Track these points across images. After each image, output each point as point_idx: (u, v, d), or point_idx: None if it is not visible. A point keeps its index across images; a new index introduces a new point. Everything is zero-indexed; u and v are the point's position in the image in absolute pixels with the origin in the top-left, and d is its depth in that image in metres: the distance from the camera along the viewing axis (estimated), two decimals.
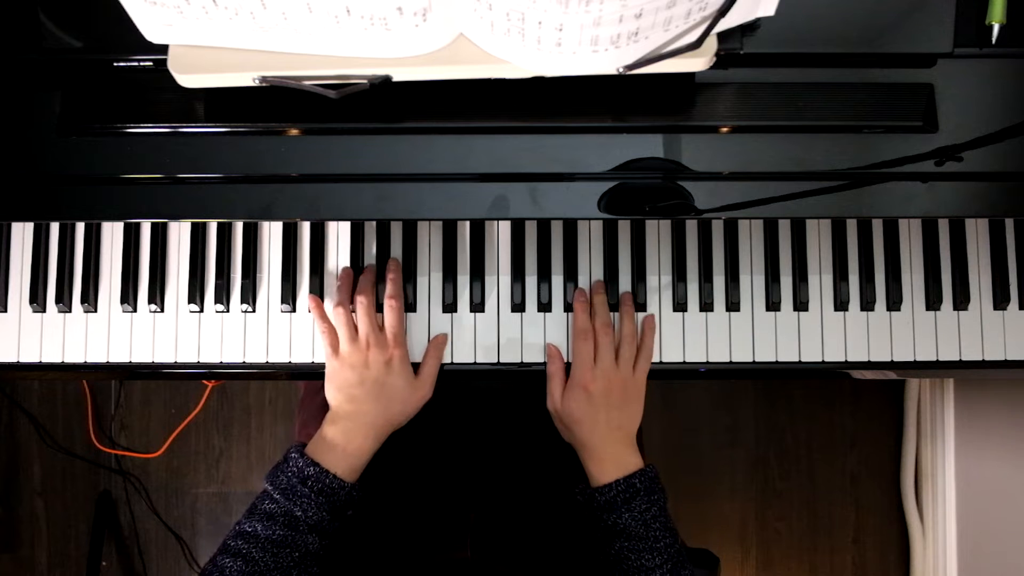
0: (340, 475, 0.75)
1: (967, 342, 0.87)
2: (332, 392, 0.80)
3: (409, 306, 0.86)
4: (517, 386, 1.09)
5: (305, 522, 0.72)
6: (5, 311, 0.88)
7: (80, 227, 0.89)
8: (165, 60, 0.70)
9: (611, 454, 0.79)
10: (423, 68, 0.69)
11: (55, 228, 0.89)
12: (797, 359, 0.87)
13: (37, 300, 0.87)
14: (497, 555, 0.84)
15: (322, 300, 0.87)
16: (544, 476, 0.94)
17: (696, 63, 0.69)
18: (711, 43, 0.68)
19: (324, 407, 1.03)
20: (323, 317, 0.83)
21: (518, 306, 0.86)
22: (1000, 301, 0.87)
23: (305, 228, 0.88)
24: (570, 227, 0.88)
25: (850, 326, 0.87)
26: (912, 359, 0.87)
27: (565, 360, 0.85)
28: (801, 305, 0.87)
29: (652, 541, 0.75)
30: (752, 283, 0.87)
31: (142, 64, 0.75)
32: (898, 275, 0.87)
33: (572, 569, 0.82)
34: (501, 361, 0.86)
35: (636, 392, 0.82)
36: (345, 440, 0.77)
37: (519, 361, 0.86)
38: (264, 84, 0.69)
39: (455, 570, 0.80)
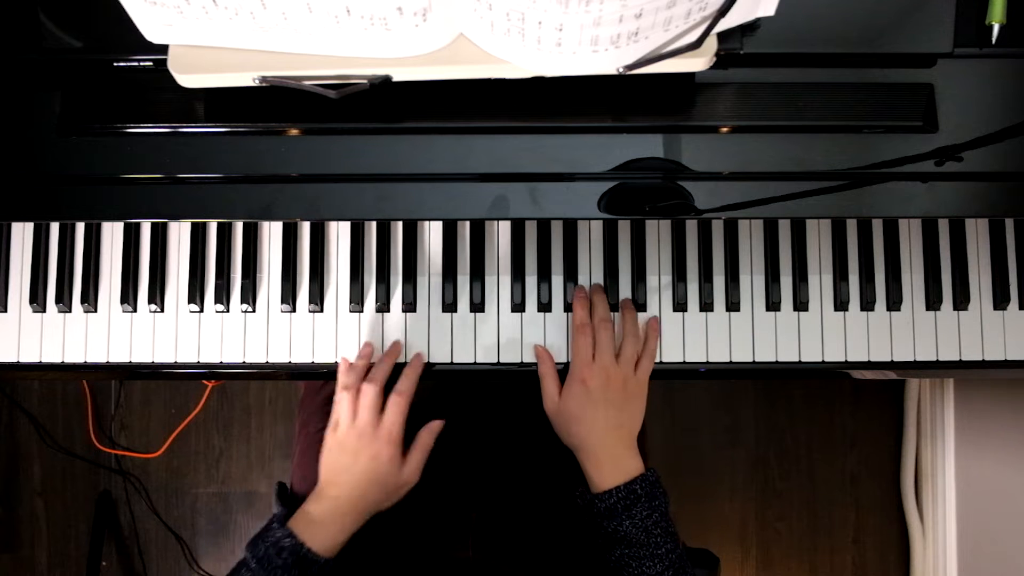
0: (316, 550, 0.75)
1: (967, 342, 0.87)
2: (324, 467, 0.80)
3: (409, 306, 0.86)
4: (518, 386, 1.09)
5: None
6: (5, 311, 0.88)
7: (80, 227, 0.89)
8: (165, 60, 0.70)
9: (610, 456, 0.78)
10: (423, 68, 0.69)
11: (55, 228, 0.89)
12: (797, 359, 0.87)
13: (37, 300, 0.87)
14: (499, 555, 0.84)
15: (322, 302, 0.87)
16: (546, 476, 0.94)
17: (696, 63, 0.69)
18: (711, 43, 0.68)
19: (324, 407, 1.04)
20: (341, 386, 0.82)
21: (518, 306, 0.86)
22: (1000, 301, 0.87)
23: (305, 228, 0.88)
24: (570, 227, 0.88)
25: (850, 326, 0.87)
26: (912, 359, 0.87)
27: (555, 361, 0.84)
28: (801, 305, 0.87)
29: (653, 548, 0.74)
30: (752, 283, 0.87)
31: (142, 64, 0.75)
32: (898, 275, 0.87)
33: (574, 569, 0.81)
34: (501, 361, 0.86)
35: (637, 391, 0.81)
36: (327, 518, 0.77)
37: (519, 361, 0.86)
38: (264, 84, 0.69)
39: (457, 570, 0.80)
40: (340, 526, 0.77)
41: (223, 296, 0.87)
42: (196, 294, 0.87)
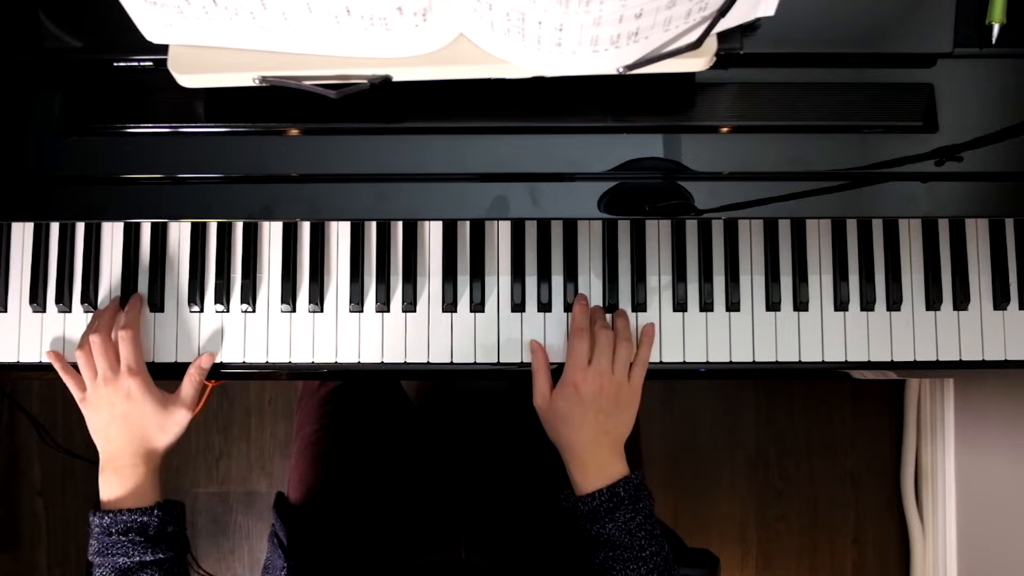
0: (135, 506, 0.76)
1: (967, 342, 0.87)
2: (95, 438, 0.80)
3: (409, 306, 0.86)
4: (513, 387, 1.09)
5: (131, 564, 0.74)
6: (5, 311, 0.88)
7: (80, 227, 0.89)
8: (165, 60, 0.70)
9: (595, 460, 0.77)
10: (423, 68, 0.69)
11: (55, 228, 0.89)
12: (797, 359, 0.87)
13: (37, 300, 0.87)
14: (491, 556, 0.84)
15: (322, 302, 0.87)
16: (539, 477, 0.94)
17: (696, 63, 0.69)
18: (711, 43, 0.68)
19: (320, 408, 1.04)
20: (64, 368, 0.83)
21: (518, 306, 0.86)
22: (1000, 301, 0.87)
23: (305, 228, 0.88)
24: (570, 227, 0.88)
25: (850, 326, 0.87)
26: (912, 359, 0.87)
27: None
28: (801, 305, 0.87)
29: (637, 551, 0.73)
30: (752, 283, 0.87)
31: (142, 64, 0.75)
32: (898, 275, 0.87)
33: (567, 571, 0.81)
34: (501, 361, 0.86)
35: (629, 400, 0.80)
36: (120, 479, 0.78)
37: (519, 361, 0.86)
38: (264, 84, 0.69)
39: (449, 571, 0.80)
40: (135, 479, 0.78)
41: (223, 296, 0.87)
42: (196, 294, 0.87)
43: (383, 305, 0.86)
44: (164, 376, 0.88)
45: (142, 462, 0.79)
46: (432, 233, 0.88)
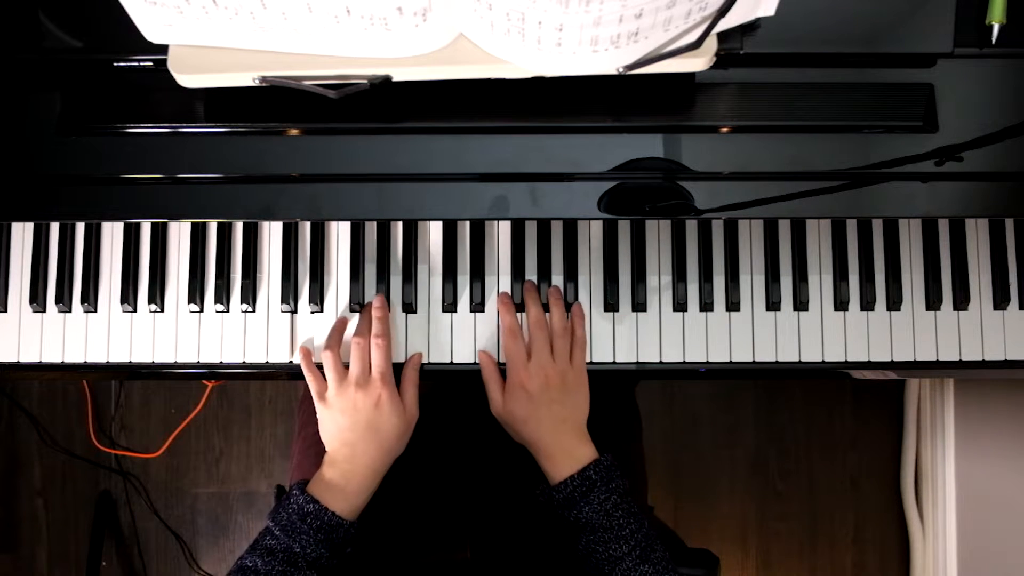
0: (339, 513, 0.75)
1: (967, 342, 0.87)
2: (326, 438, 0.80)
3: (408, 306, 0.86)
4: None
5: (304, 558, 0.73)
6: (5, 311, 0.88)
7: (80, 227, 0.89)
8: (165, 60, 0.70)
9: (561, 448, 0.78)
10: (423, 68, 0.69)
11: (55, 228, 0.89)
12: (797, 359, 0.87)
13: (37, 300, 0.87)
14: (497, 556, 0.84)
15: (322, 302, 0.87)
16: (543, 477, 0.94)
17: (696, 63, 0.69)
18: (711, 43, 0.68)
19: None
20: (309, 367, 0.83)
21: (519, 306, 0.86)
22: (1000, 301, 0.87)
23: (305, 228, 0.88)
24: (570, 227, 0.88)
25: (850, 326, 0.87)
26: (912, 359, 0.87)
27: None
28: (801, 305, 0.87)
29: (617, 530, 0.74)
30: (752, 283, 0.87)
31: (142, 64, 0.75)
32: (898, 275, 0.87)
33: (572, 570, 0.81)
34: (501, 361, 0.86)
35: (577, 382, 0.81)
36: (344, 481, 0.77)
37: None
38: (264, 84, 0.69)
39: (455, 570, 0.80)
40: (358, 486, 0.77)
41: (223, 296, 0.87)
42: (196, 294, 0.87)
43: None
44: (164, 377, 0.88)
45: (371, 474, 0.78)
46: (432, 233, 0.88)
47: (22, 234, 0.89)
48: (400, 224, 0.88)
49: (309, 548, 0.73)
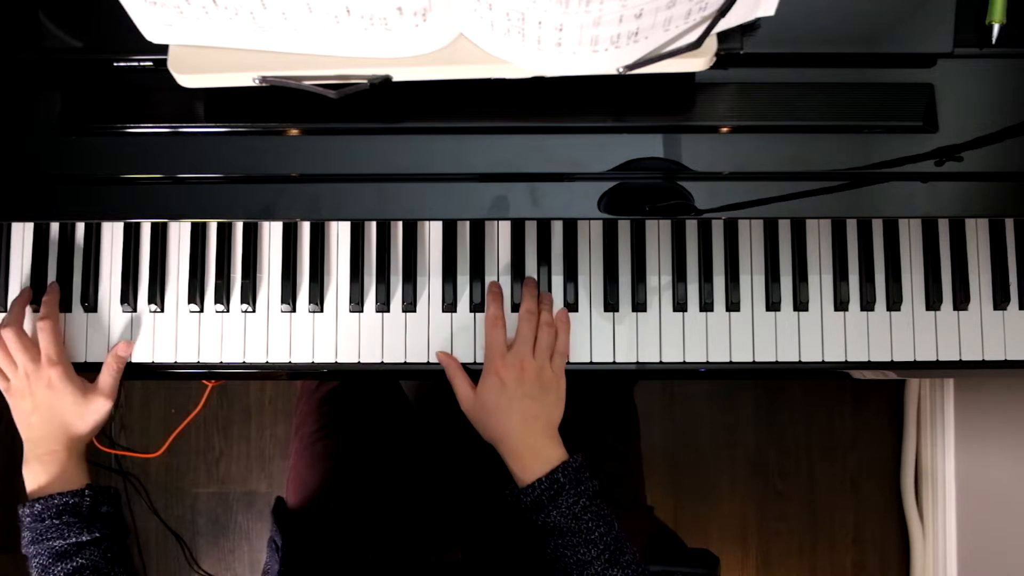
0: (63, 490, 0.76)
1: (967, 342, 0.87)
2: (19, 428, 0.81)
3: (409, 306, 0.86)
4: None
5: (67, 547, 0.74)
6: (5, 311, 0.88)
7: (80, 227, 0.89)
8: (165, 60, 0.70)
9: (529, 447, 0.77)
10: (423, 68, 0.69)
11: (55, 228, 0.89)
12: (797, 359, 0.87)
13: (37, 300, 0.87)
14: (488, 557, 0.84)
15: (322, 302, 0.87)
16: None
17: (696, 63, 0.69)
18: (711, 43, 0.68)
19: (319, 408, 1.04)
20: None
21: (518, 306, 0.86)
22: (1000, 301, 0.87)
23: (305, 228, 0.88)
24: (570, 227, 0.87)
25: (850, 326, 0.87)
26: (912, 359, 0.87)
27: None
28: (801, 305, 0.87)
29: (586, 534, 0.72)
30: (752, 283, 0.87)
31: (142, 64, 0.75)
32: (898, 275, 0.87)
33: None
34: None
35: (553, 382, 0.80)
36: (46, 468, 0.78)
37: None
38: (264, 84, 0.69)
39: (446, 572, 0.80)
40: (60, 468, 0.78)
41: (223, 296, 0.87)
42: (196, 294, 0.87)
43: (383, 305, 0.86)
44: (164, 377, 0.88)
45: (64, 448, 0.79)
46: (432, 233, 0.88)
47: (22, 234, 0.89)
48: (400, 224, 0.88)
49: (66, 533, 0.74)
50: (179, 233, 0.88)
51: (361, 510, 0.91)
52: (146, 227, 0.88)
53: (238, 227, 0.88)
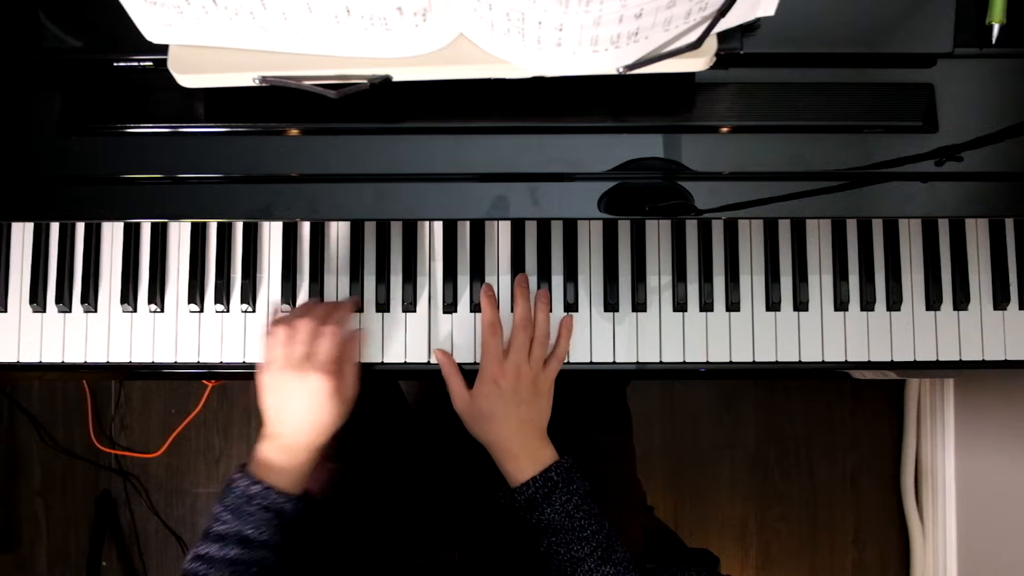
0: (285, 489, 0.75)
1: (967, 342, 0.87)
2: (263, 406, 0.78)
3: (409, 306, 0.86)
4: None
5: (256, 539, 0.73)
6: (5, 311, 0.88)
7: (80, 227, 0.89)
8: (165, 60, 0.70)
9: (524, 449, 0.78)
10: (423, 68, 0.69)
11: (55, 228, 0.89)
12: (797, 359, 0.87)
13: (37, 300, 0.87)
14: (485, 557, 0.84)
15: (322, 298, 0.87)
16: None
17: (696, 63, 0.69)
18: (711, 43, 0.68)
19: None
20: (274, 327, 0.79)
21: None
22: (1000, 301, 0.87)
23: (305, 228, 0.88)
24: (570, 227, 0.88)
25: (850, 326, 0.87)
26: (912, 359, 0.87)
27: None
28: (801, 305, 0.87)
29: (578, 531, 0.74)
30: (752, 283, 0.87)
31: (142, 64, 0.75)
32: (898, 275, 0.87)
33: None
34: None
35: (545, 387, 0.81)
36: (288, 458, 0.76)
37: None
38: (264, 84, 0.69)
39: (443, 572, 0.80)
40: (299, 461, 0.76)
41: (223, 296, 0.87)
42: (196, 294, 0.87)
43: (383, 305, 0.86)
44: (164, 377, 0.88)
45: (306, 448, 0.76)
46: (432, 233, 0.88)
47: (22, 234, 0.89)
48: (400, 224, 0.88)
49: (260, 528, 0.73)
50: (179, 233, 0.88)
51: (359, 510, 0.91)
52: (146, 227, 0.88)
53: (238, 227, 0.88)
